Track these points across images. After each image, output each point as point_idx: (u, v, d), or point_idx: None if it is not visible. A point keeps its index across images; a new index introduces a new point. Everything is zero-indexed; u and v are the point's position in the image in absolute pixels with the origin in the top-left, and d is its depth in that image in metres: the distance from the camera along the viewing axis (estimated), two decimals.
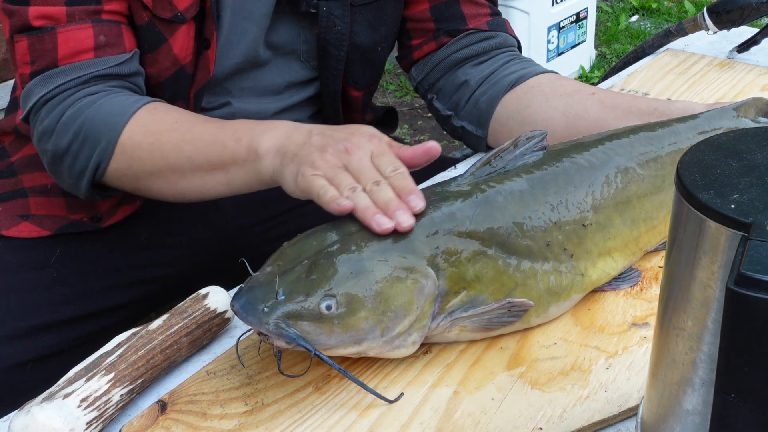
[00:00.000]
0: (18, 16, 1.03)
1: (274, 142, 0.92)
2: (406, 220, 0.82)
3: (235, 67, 1.17)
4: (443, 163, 1.33)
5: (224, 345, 0.90)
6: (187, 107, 1.15)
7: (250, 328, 0.81)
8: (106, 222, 1.21)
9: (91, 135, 1.02)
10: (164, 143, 0.99)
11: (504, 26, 1.27)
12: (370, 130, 0.92)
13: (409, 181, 0.85)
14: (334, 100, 1.26)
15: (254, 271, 0.82)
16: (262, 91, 1.22)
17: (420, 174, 1.15)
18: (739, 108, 1.05)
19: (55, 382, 0.79)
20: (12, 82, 3.14)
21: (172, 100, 1.14)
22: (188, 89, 1.14)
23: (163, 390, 0.84)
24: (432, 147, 0.89)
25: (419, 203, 0.83)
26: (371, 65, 1.27)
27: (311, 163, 0.86)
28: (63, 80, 1.03)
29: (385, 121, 1.44)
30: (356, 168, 0.86)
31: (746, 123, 1.04)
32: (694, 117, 1.03)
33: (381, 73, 1.32)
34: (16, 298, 1.15)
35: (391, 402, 0.80)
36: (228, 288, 0.92)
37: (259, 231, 1.30)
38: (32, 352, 1.13)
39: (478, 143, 1.24)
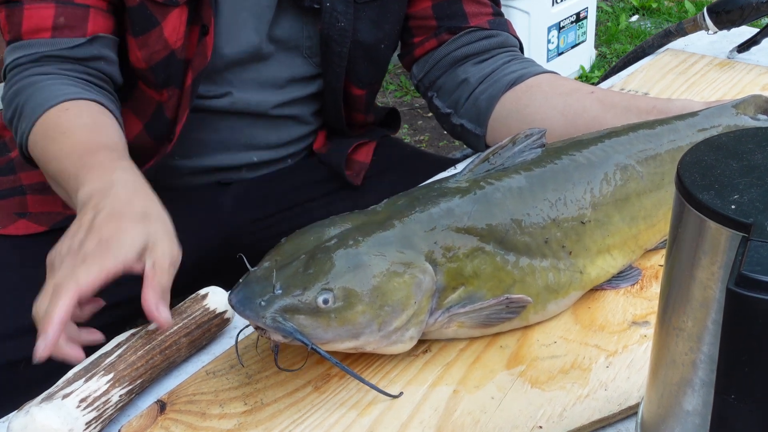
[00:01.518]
0: None
1: (81, 200, 0.89)
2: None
3: (236, 57, 1.18)
4: (443, 163, 1.34)
5: (223, 345, 0.90)
6: (182, 93, 1.16)
7: (248, 323, 0.81)
8: None
9: (23, 115, 1.06)
10: (47, 151, 1.02)
11: (506, 26, 1.27)
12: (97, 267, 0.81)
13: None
14: (336, 98, 1.26)
15: (252, 267, 0.82)
16: (264, 83, 1.23)
17: (420, 174, 1.15)
18: (738, 105, 1.05)
19: (49, 382, 0.79)
20: None
21: (165, 84, 1.15)
22: (182, 74, 1.15)
23: (162, 390, 0.84)
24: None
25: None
26: (374, 63, 1.27)
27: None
28: (20, 54, 1.09)
29: (388, 122, 1.44)
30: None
31: (745, 120, 1.04)
32: (693, 114, 1.03)
33: (384, 72, 1.32)
34: (10, 296, 1.15)
35: (394, 397, 0.80)
36: (226, 286, 0.91)
37: (258, 228, 1.30)
38: (24, 351, 1.13)
39: (476, 141, 1.24)
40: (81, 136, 1.03)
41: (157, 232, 0.84)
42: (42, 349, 0.77)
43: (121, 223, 0.84)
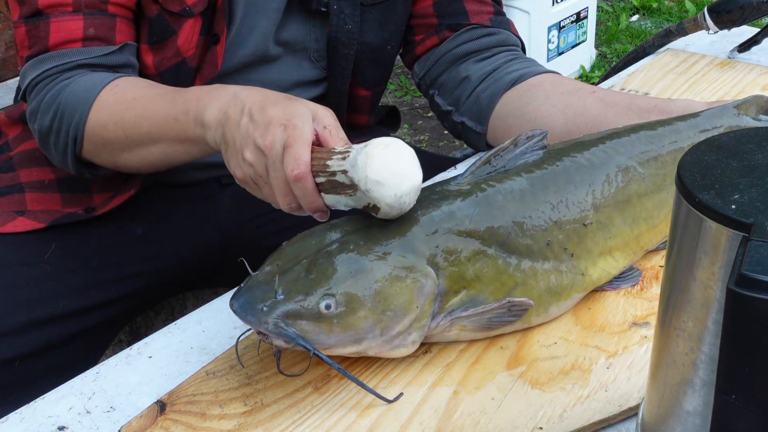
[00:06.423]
0: (28, 4, 1.08)
1: (216, 116, 0.93)
2: None
3: (244, 60, 1.18)
4: (443, 162, 1.33)
5: (224, 345, 0.90)
6: None
7: (249, 328, 0.81)
8: (100, 211, 1.21)
9: (67, 112, 1.06)
10: (125, 122, 1.03)
11: (507, 25, 1.27)
12: (309, 111, 0.88)
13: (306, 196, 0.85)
14: (340, 101, 1.27)
15: (253, 271, 0.82)
16: (269, 86, 1.23)
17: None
18: (739, 106, 1.04)
19: (45, 379, 0.78)
20: (10, 81, 3.14)
21: None
22: (191, 82, 1.15)
23: (162, 390, 0.84)
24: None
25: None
26: (380, 64, 1.28)
27: (233, 168, 0.90)
28: (51, 65, 1.08)
29: (388, 121, 1.45)
30: (264, 182, 0.88)
31: (747, 121, 1.03)
32: (694, 115, 1.03)
33: (389, 73, 1.33)
34: (8, 294, 1.15)
35: (390, 401, 0.80)
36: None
37: (258, 224, 1.30)
38: (20, 349, 1.13)
39: (477, 139, 1.24)
40: (155, 91, 1.05)
41: (309, 104, 0.89)
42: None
43: (284, 102, 0.89)
